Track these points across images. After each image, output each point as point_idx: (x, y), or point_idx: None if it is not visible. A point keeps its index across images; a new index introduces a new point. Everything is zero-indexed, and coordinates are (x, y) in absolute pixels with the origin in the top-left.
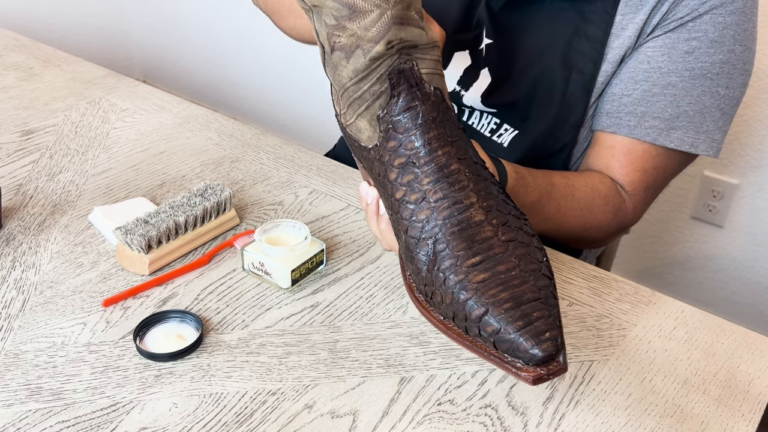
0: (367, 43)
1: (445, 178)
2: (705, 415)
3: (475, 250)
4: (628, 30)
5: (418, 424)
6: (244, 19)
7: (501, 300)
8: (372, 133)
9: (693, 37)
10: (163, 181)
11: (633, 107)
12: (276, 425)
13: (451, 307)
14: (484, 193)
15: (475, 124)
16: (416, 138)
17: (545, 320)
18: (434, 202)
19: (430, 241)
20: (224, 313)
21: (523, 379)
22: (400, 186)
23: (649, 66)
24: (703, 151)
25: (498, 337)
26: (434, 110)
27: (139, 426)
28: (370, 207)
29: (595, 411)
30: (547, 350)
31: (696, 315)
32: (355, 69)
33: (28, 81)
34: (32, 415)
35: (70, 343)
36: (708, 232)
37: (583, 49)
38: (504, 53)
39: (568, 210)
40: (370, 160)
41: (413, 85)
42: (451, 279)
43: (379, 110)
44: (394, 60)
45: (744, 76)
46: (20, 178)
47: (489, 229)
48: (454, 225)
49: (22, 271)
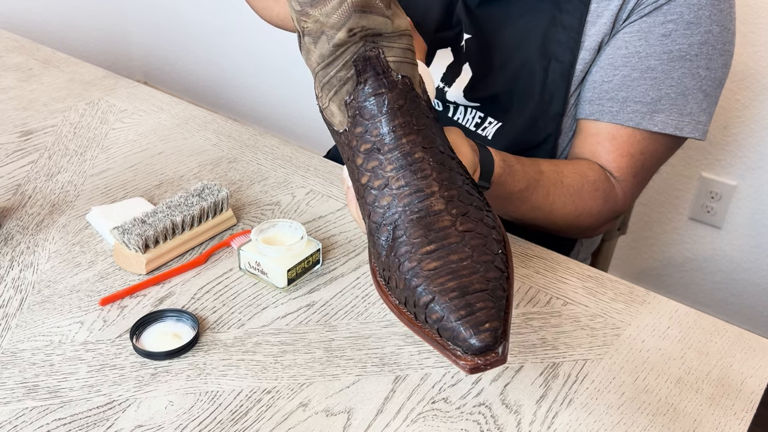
0: (330, 30)
1: (408, 166)
2: (698, 413)
3: (431, 238)
4: (604, 17)
5: (413, 422)
6: (246, 19)
7: (448, 289)
8: (342, 118)
9: (669, 20)
10: (161, 181)
11: (614, 93)
12: (271, 423)
13: (404, 292)
14: (447, 182)
15: (460, 119)
16: (381, 125)
17: (488, 311)
18: (396, 189)
19: (390, 227)
20: (220, 312)
21: (461, 367)
22: (365, 171)
23: (627, 51)
24: (689, 134)
25: (441, 325)
26: (401, 98)
27: (135, 424)
28: (350, 190)
29: (589, 409)
30: (485, 341)
31: (690, 315)
32: (321, 54)
33: (28, 82)
34: (29, 413)
35: (67, 342)
36: (706, 234)
37: (560, 38)
38: (483, 48)
39: (558, 197)
40: (341, 144)
41: (379, 72)
42: (405, 265)
43: (347, 96)
44: (359, 47)
45: (725, 57)
46: (19, 178)
47: (447, 218)
48: (413, 212)
49: (20, 270)
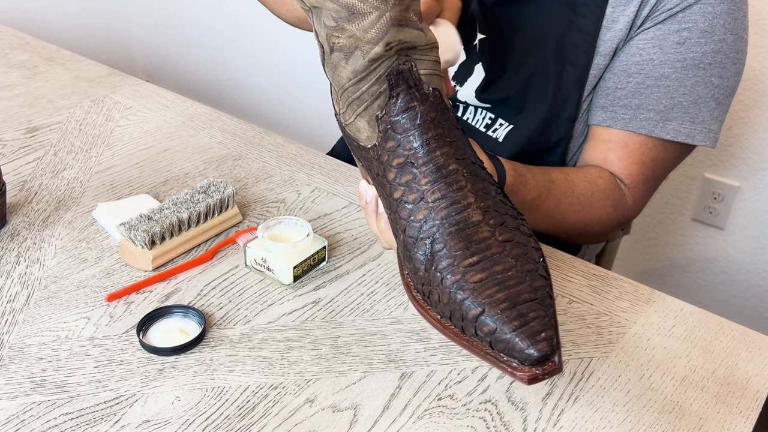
0: (366, 45)
1: (443, 178)
2: (703, 411)
3: (473, 250)
4: (620, 22)
5: (419, 418)
6: (248, 19)
7: (497, 300)
8: (371, 133)
9: (683, 27)
10: (167, 178)
11: (627, 100)
12: (277, 419)
13: (448, 306)
14: (481, 193)
15: (470, 119)
16: (415, 138)
17: (541, 320)
18: (432, 202)
19: (428, 240)
20: (227, 308)
21: (519, 378)
22: (399, 186)
23: (641, 58)
24: (700, 142)
25: (494, 337)
26: (432, 111)
27: (142, 419)
28: (369, 205)
29: (594, 407)
30: (543, 350)
31: (695, 313)
32: (354, 70)
33: (33, 79)
34: (36, 407)
35: (74, 337)
36: (708, 235)
37: (576, 42)
38: (497, 48)
39: (568, 206)
40: (368, 159)
41: (412, 86)
42: (448, 279)
43: (378, 111)
44: (392, 61)
45: (737, 65)
46: (25, 174)
47: (486, 229)
48: (451, 225)
49: (27, 266)
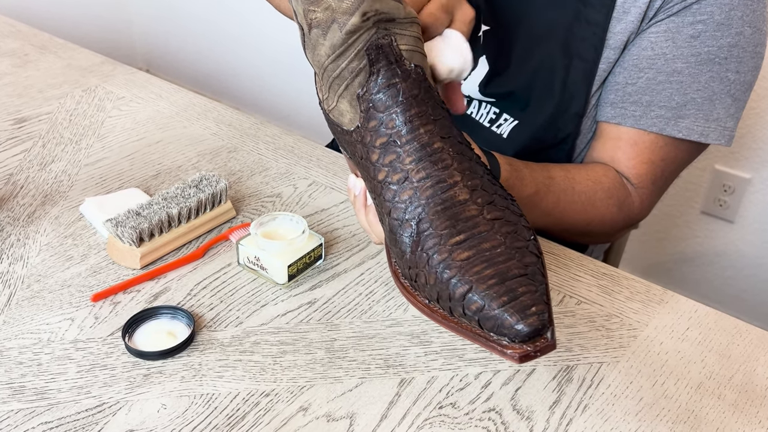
0: (342, 16)
1: (427, 156)
2: (720, 421)
3: (459, 228)
4: (631, 14)
5: (419, 428)
6: (247, 8)
7: (485, 277)
8: (353, 115)
9: (698, 20)
10: (158, 171)
11: (638, 96)
12: (269, 428)
13: (435, 287)
14: (468, 172)
15: (474, 113)
16: (397, 116)
17: (531, 295)
18: (417, 181)
19: (414, 221)
20: (218, 309)
21: (510, 357)
22: (382, 167)
23: (653, 53)
24: (715, 140)
25: (482, 315)
26: (415, 87)
27: (125, 428)
28: (358, 198)
29: (605, 416)
30: (533, 325)
31: (710, 315)
32: (332, 45)
33: (23, 68)
34: (14, 416)
35: (57, 340)
36: (718, 228)
37: (584, 34)
38: (502, 41)
39: (568, 204)
40: (352, 143)
41: (392, 61)
42: (434, 258)
43: (359, 88)
44: (371, 34)
45: (756, 59)
46: (11, 167)
47: (474, 207)
48: (437, 204)
49: (9, 263)
